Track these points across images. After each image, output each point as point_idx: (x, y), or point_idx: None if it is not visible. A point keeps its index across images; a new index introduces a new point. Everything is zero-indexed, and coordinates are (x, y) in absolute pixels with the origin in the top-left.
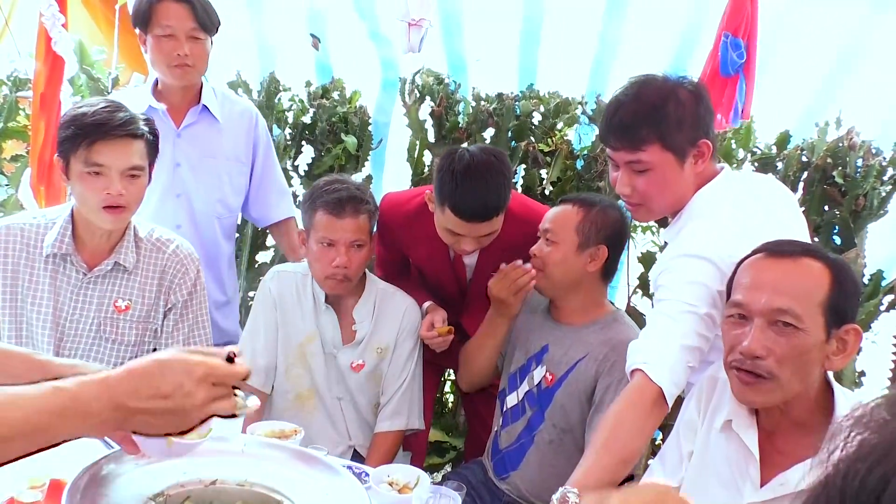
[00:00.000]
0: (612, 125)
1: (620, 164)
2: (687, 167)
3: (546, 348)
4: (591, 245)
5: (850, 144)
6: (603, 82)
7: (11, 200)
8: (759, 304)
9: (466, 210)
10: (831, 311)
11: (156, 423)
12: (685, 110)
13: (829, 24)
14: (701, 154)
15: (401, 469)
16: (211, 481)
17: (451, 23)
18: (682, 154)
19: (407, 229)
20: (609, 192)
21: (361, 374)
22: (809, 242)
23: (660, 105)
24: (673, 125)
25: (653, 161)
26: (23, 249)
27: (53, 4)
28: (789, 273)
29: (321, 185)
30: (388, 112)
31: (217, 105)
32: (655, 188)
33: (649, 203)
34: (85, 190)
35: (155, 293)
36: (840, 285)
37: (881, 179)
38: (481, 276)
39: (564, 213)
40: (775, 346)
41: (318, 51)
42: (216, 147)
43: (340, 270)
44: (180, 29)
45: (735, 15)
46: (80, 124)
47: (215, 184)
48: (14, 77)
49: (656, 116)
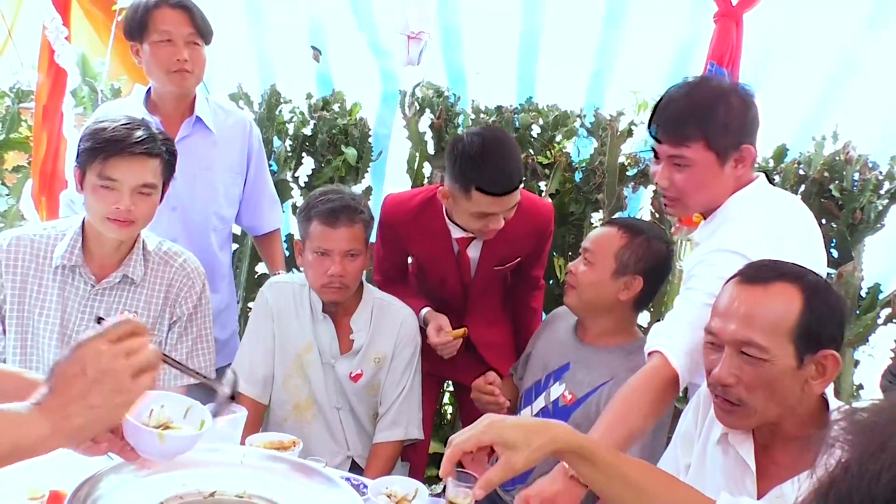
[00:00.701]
0: (661, 119)
1: (662, 158)
2: (727, 169)
3: (568, 366)
4: (628, 274)
5: (847, 158)
6: (600, 96)
7: (13, 211)
8: (728, 334)
9: (496, 186)
10: (802, 338)
11: (93, 401)
12: (734, 115)
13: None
14: (742, 159)
15: (399, 481)
16: (210, 493)
17: (451, 36)
18: (724, 156)
19: (411, 225)
20: (606, 204)
21: (360, 383)
22: (790, 264)
23: (710, 106)
24: (719, 127)
25: (695, 158)
26: (32, 260)
27: (57, 17)
28: (758, 302)
29: (316, 196)
30: (389, 124)
31: (210, 116)
32: (693, 185)
33: (685, 199)
34: (95, 201)
35: (161, 306)
36: (812, 311)
37: (878, 193)
38: (485, 270)
39: (607, 236)
40: (743, 375)
41: (318, 63)
42: (211, 159)
43: (336, 279)
44: (178, 35)
45: (720, 44)
46: (98, 138)
47: (211, 196)
48: (17, 88)
49: (704, 116)
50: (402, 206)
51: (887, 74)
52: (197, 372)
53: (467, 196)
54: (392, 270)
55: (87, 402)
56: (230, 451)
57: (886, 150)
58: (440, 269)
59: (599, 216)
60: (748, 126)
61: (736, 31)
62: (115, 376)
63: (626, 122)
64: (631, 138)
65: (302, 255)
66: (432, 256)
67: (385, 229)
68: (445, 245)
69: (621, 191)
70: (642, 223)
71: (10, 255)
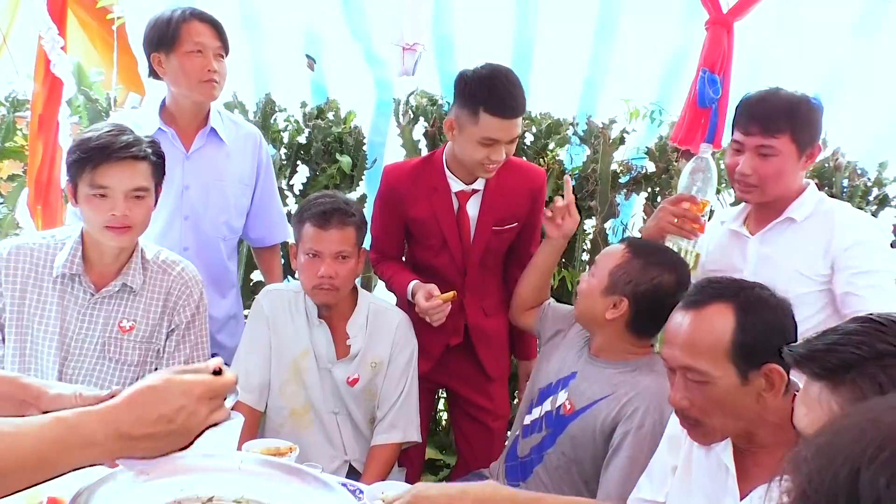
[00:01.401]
0: (753, 113)
1: (748, 149)
2: (801, 163)
3: (574, 375)
4: (616, 293)
5: (836, 165)
6: (593, 105)
7: (8, 220)
8: (674, 361)
9: (504, 107)
10: (740, 357)
11: (160, 445)
12: (813, 115)
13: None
14: (811, 156)
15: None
16: (208, 498)
17: (445, 45)
18: (802, 150)
19: (411, 184)
20: (599, 211)
21: (357, 388)
22: (731, 281)
23: (797, 105)
24: (804, 123)
25: (781, 149)
26: (32, 269)
27: (53, 27)
28: (694, 328)
29: (310, 200)
30: (384, 132)
31: (223, 128)
32: (774, 173)
33: (764, 186)
34: (90, 211)
35: (159, 314)
36: (745, 329)
37: (867, 199)
38: (484, 230)
39: (612, 251)
40: (694, 398)
41: (313, 72)
42: (223, 170)
43: (326, 281)
44: (209, 46)
45: (712, 51)
46: (84, 148)
47: (222, 206)
48: (12, 98)
49: (794, 112)
50: (402, 168)
51: (874, 83)
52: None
53: (475, 120)
54: (389, 245)
55: (155, 445)
56: (227, 457)
57: (874, 157)
58: (440, 230)
59: (593, 223)
60: (820, 127)
61: (727, 38)
62: (191, 434)
63: (619, 129)
64: (623, 146)
65: (295, 258)
66: (432, 216)
67: (384, 195)
68: (445, 201)
69: (614, 198)
70: (658, 248)
71: (9, 264)
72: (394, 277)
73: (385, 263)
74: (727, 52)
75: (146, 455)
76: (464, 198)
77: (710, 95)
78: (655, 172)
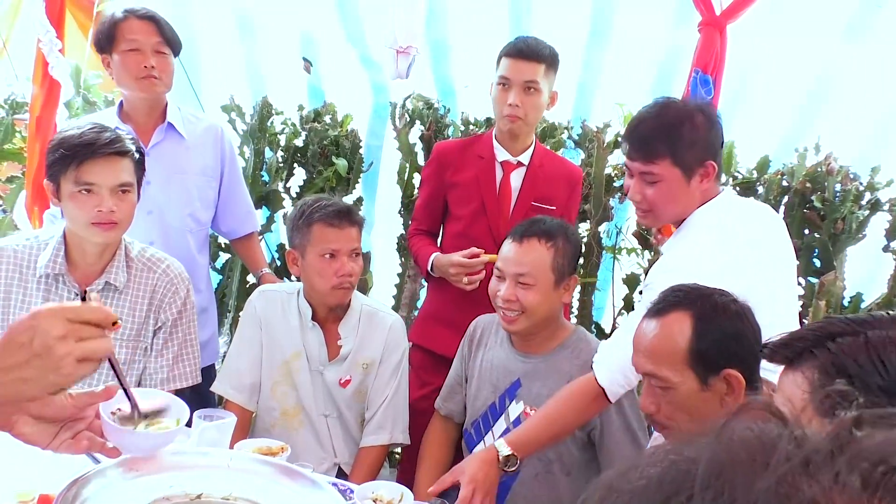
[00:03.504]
0: (632, 137)
1: (635, 174)
2: (693, 184)
3: (518, 383)
4: (565, 278)
5: (829, 169)
6: (587, 108)
7: (6, 221)
8: (639, 367)
9: (517, 48)
10: (698, 362)
11: (26, 374)
12: (698, 133)
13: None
14: (706, 174)
15: (385, 486)
16: (196, 495)
17: (439, 50)
18: (689, 171)
19: (459, 153)
20: (594, 214)
21: (348, 390)
22: (688, 290)
23: (676, 125)
24: (685, 145)
25: (663, 174)
26: (15, 270)
27: (51, 30)
28: (656, 336)
29: (312, 203)
30: (380, 136)
31: (182, 122)
32: (662, 198)
33: (656, 211)
34: (76, 208)
35: (145, 312)
36: (702, 335)
37: (859, 204)
38: (524, 203)
39: (537, 254)
40: (660, 403)
41: (309, 75)
42: (184, 163)
43: (346, 279)
44: (146, 43)
45: (705, 52)
46: (68, 145)
47: (185, 199)
48: (11, 100)
49: (671, 135)
50: (453, 142)
51: (866, 86)
52: (122, 384)
53: (497, 65)
54: (426, 218)
55: (20, 374)
56: (217, 455)
57: (867, 162)
58: (480, 194)
59: (587, 226)
60: (711, 143)
61: (720, 40)
62: (54, 355)
63: (613, 133)
64: (617, 150)
65: (297, 263)
66: (475, 180)
67: (433, 163)
68: (489, 168)
69: (608, 201)
70: (546, 221)
71: None
72: (421, 250)
73: (417, 237)
74: (720, 54)
75: (19, 391)
76: (508, 168)
77: (702, 96)
78: None
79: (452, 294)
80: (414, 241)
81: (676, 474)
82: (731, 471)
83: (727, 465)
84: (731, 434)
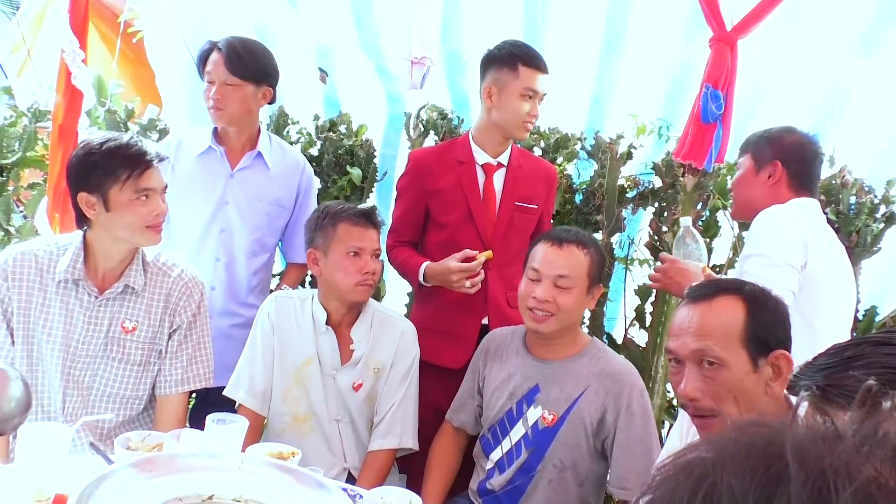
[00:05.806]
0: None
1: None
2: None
3: (537, 388)
4: (595, 286)
5: (843, 182)
6: (601, 119)
7: (27, 227)
8: (685, 349)
9: (539, 61)
10: (752, 342)
11: None
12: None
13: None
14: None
15: (394, 491)
16: (208, 496)
17: (454, 61)
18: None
19: (437, 159)
20: (606, 225)
21: (361, 394)
22: (729, 279)
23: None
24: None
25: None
26: (37, 274)
27: (74, 41)
28: (706, 315)
29: (335, 206)
30: (395, 145)
31: (270, 152)
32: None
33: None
34: (132, 215)
35: (160, 315)
36: (755, 316)
37: (874, 216)
38: (508, 205)
39: (577, 259)
40: (707, 387)
41: (325, 85)
42: (263, 191)
43: (370, 276)
44: (216, 75)
45: (716, 67)
46: (122, 157)
47: (258, 224)
48: (34, 109)
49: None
50: (427, 150)
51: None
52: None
53: (515, 75)
54: (406, 229)
55: None
56: (229, 457)
57: (882, 175)
58: (465, 200)
59: (599, 237)
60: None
61: (731, 55)
62: None
63: (626, 144)
64: (630, 161)
65: (318, 263)
66: (457, 186)
67: (410, 173)
68: (471, 173)
69: (620, 212)
70: (572, 230)
71: (15, 269)
72: (408, 260)
73: (399, 249)
74: (731, 69)
75: None
76: (490, 171)
77: (712, 111)
78: (662, 187)
79: (444, 302)
80: (396, 252)
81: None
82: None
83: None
84: None
